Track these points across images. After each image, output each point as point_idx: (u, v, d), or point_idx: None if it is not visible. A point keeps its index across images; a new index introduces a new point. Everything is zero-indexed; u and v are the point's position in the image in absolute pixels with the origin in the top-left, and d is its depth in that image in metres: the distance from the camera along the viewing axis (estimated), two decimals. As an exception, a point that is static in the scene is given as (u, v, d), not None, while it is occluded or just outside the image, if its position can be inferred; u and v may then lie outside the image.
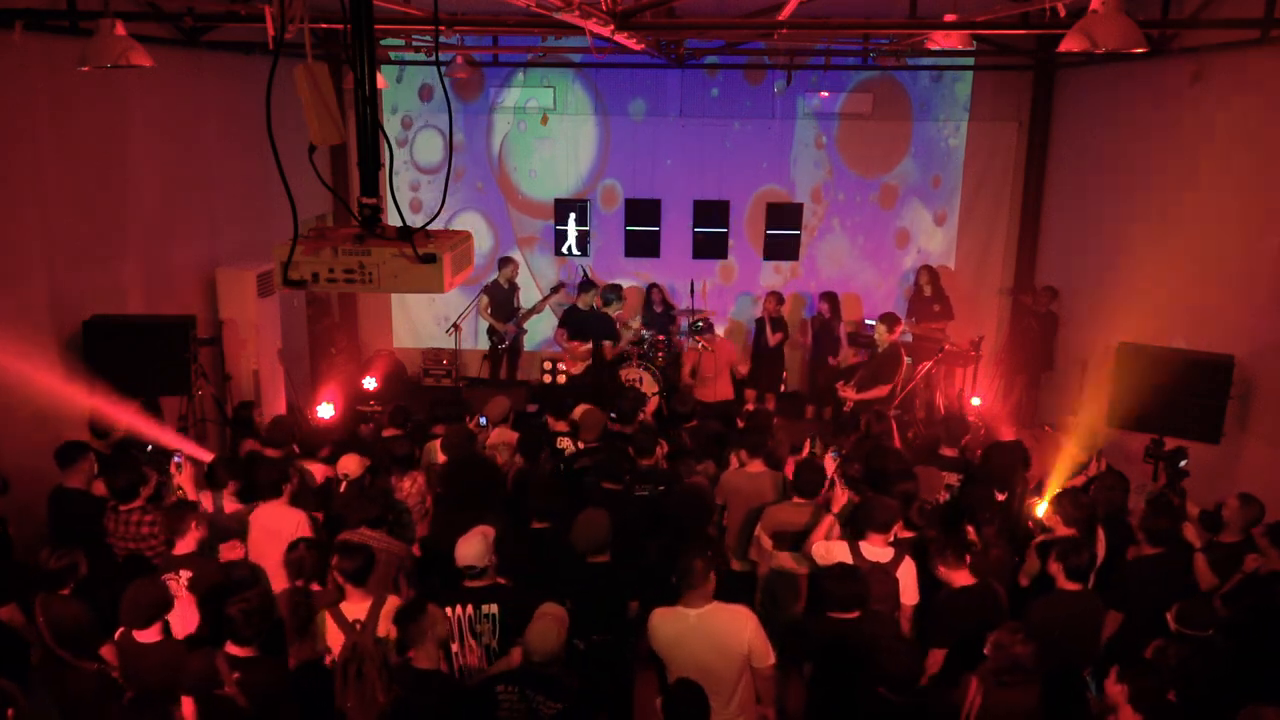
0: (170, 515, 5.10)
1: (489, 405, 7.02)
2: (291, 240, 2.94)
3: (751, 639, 4.16)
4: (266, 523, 5.37)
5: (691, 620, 4.18)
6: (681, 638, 4.19)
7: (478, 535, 4.57)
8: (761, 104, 11.41)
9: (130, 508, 5.29)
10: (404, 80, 11.60)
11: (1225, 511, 5.30)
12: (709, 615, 4.20)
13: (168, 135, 8.11)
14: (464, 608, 4.48)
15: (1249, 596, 4.84)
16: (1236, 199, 7.27)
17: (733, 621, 4.20)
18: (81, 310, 6.92)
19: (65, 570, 4.54)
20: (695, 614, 4.19)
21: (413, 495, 6.05)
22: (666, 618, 4.25)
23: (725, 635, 4.17)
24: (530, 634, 4.01)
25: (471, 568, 4.48)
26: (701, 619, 4.18)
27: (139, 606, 4.30)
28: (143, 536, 5.24)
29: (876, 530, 4.98)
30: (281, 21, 3.06)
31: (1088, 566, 4.68)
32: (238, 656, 4.12)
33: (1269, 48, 6.80)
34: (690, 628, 4.18)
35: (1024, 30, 8.25)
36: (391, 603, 4.54)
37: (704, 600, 4.20)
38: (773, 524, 5.43)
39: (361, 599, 4.55)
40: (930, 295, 10.75)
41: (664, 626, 4.24)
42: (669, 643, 4.22)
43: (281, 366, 9.06)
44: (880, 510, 5.01)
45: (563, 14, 5.14)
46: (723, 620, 4.21)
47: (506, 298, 10.94)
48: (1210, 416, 6.56)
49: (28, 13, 5.99)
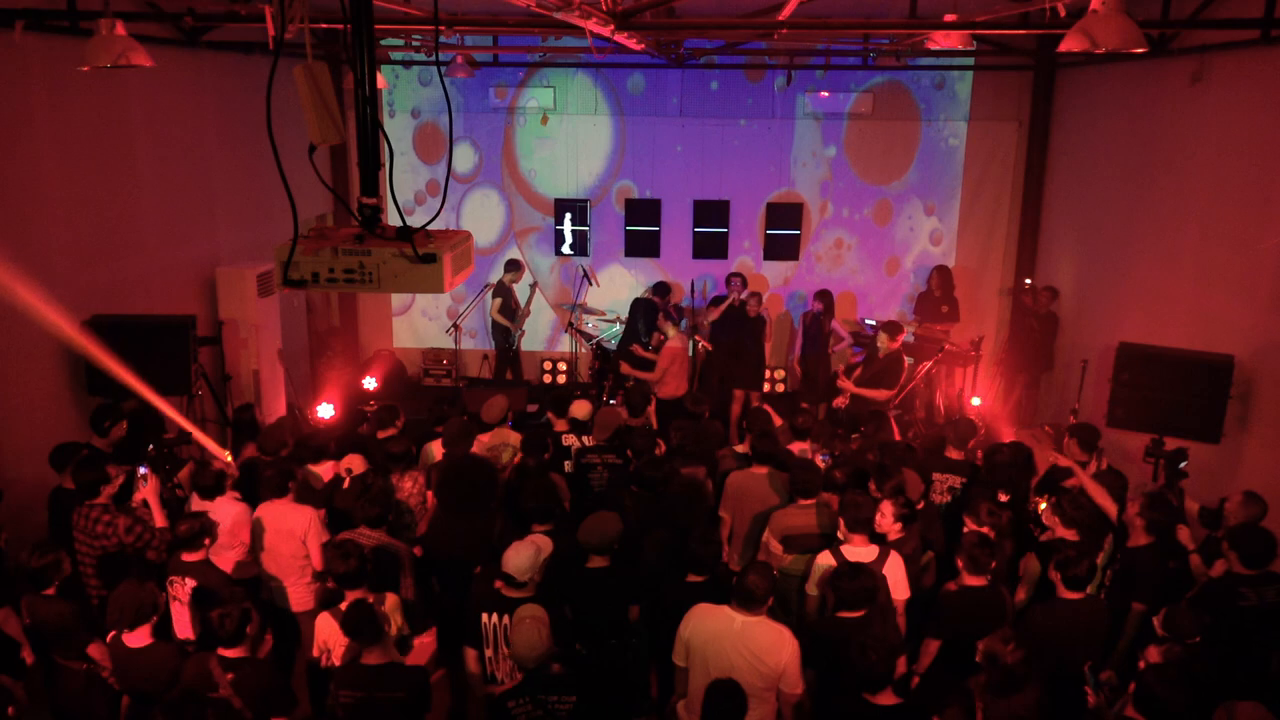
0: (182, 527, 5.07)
1: (485, 406, 7.01)
2: (291, 240, 2.94)
3: (789, 662, 4.14)
4: (277, 522, 5.37)
5: (736, 625, 4.17)
6: (719, 638, 4.17)
7: (530, 547, 4.47)
8: (762, 103, 11.41)
9: (93, 504, 5.25)
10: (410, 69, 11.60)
11: (1228, 506, 5.29)
12: (754, 625, 4.18)
13: (168, 135, 8.11)
14: (500, 616, 4.44)
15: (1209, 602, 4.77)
16: (1236, 199, 7.27)
17: (776, 640, 4.18)
18: (81, 310, 6.92)
19: (48, 568, 4.53)
20: (741, 620, 4.18)
21: (414, 495, 6.04)
22: (709, 614, 4.24)
23: (764, 650, 4.15)
24: (516, 643, 3.99)
25: (513, 579, 4.40)
26: (746, 627, 4.17)
27: (124, 609, 4.29)
28: (97, 535, 5.21)
29: (858, 530, 4.97)
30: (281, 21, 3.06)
31: (1087, 576, 4.66)
32: (230, 658, 4.14)
33: (1269, 48, 6.80)
34: (732, 632, 4.17)
35: (1024, 30, 8.25)
36: (390, 601, 4.54)
37: (755, 610, 4.19)
38: (781, 529, 5.42)
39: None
40: (939, 296, 10.69)
41: (705, 622, 4.22)
42: (705, 638, 4.20)
43: (281, 366, 9.06)
44: (854, 509, 4.99)
45: (563, 14, 5.14)
46: (765, 635, 4.19)
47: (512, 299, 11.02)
48: (1210, 416, 6.55)
49: (28, 13, 6.00)
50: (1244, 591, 4.71)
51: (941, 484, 6.33)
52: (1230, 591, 4.74)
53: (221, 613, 4.12)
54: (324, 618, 4.65)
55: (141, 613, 4.31)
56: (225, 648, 4.14)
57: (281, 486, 5.44)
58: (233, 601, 4.19)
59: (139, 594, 4.37)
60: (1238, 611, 4.67)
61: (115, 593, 4.36)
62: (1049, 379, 10.43)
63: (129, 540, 5.19)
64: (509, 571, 4.40)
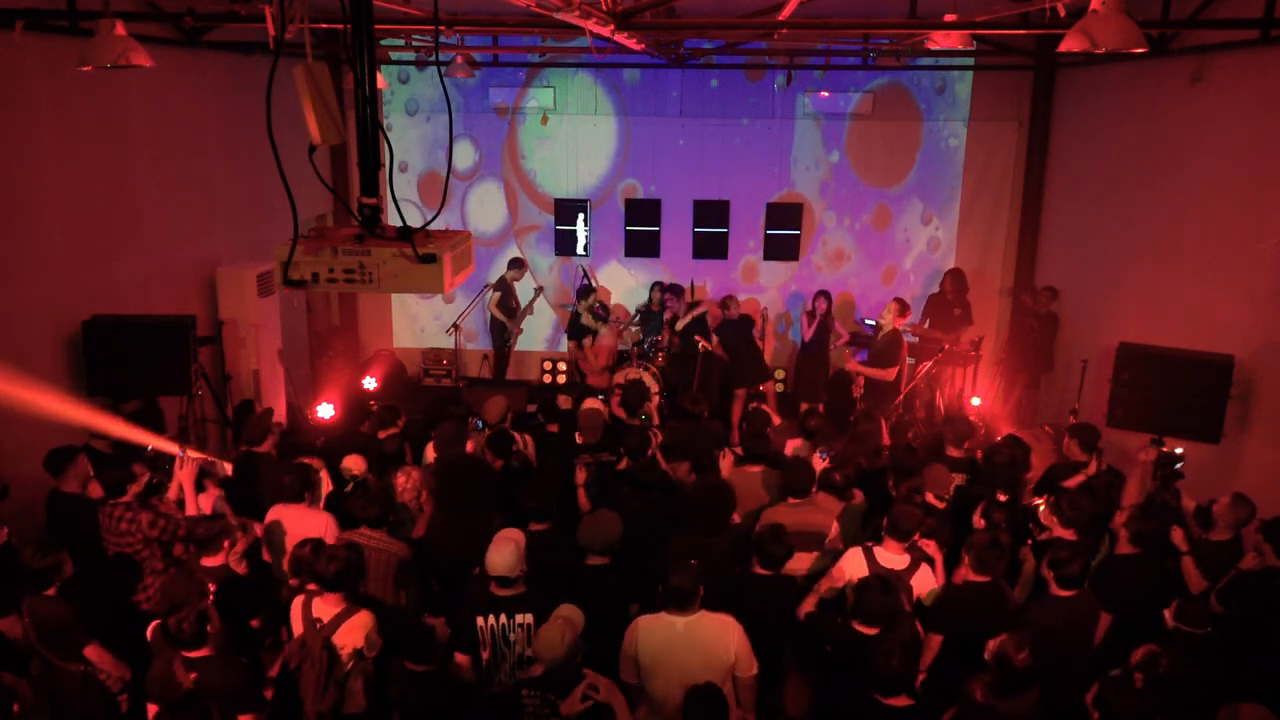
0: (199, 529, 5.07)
1: (486, 406, 7.01)
2: (292, 240, 2.94)
3: (738, 648, 4.15)
4: (295, 526, 5.35)
5: (680, 628, 4.16)
6: (670, 646, 4.16)
7: (509, 543, 4.44)
8: (762, 103, 11.41)
9: (117, 503, 5.28)
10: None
11: (1216, 508, 5.31)
12: (696, 624, 4.18)
13: (168, 135, 8.11)
14: (496, 618, 4.43)
15: (1242, 593, 4.83)
16: (1236, 199, 7.27)
17: (720, 630, 4.18)
18: (81, 310, 6.92)
19: (49, 569, 4.53)
20: (683, 622, 4.17)
21: (408, 491, 6.05)
22: (654, 626, 4.22)
23: (713, 644, 4.15)
24: (537, 639, 4.00)
25: (505, 578, 4.39)
26: (690, 628, 4.16)
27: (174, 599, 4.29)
28: (122, 533, 5.22)
29: (897, 537, 4.95)
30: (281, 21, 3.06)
31: (1081, 574, 4.66)
32: (192, 658, 4.13)
33: (1269, 48, 6.80)
34: (678, 636, 4.16)
35: (1024, 30, 8.25)
36: (362, 617, 4.49)
37: (692, 608, 4.19)
38: None
39: (334, 604, 4.50)
40: (951, 299, 10.48)
41: (651, 635, 4.20)
42: (656, 652, 4.18)
43: (281, 366, 9.06)
44: (904, 518, 4.96)
45: (563, 14, 5.13)
46: (710, 629, 4.18)
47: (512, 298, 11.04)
48: (1210, 416, 6.55)
49: (28, 13, 5.99)
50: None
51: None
52: (1267, 584, 4.74)
53: (179, 617, 4.10)
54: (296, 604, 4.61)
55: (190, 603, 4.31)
56: (187, 650, 4.13)
57: (297, 492, 5.42)
58: (189, 605, 4.18)
59: (189, 585, 4.39)
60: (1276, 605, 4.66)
61: (164, 582, 4.37)
62: (1049, 379, 10.43)
63: (154, 535, 5.21)
64: (497, 573, 4.39)
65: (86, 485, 5.62)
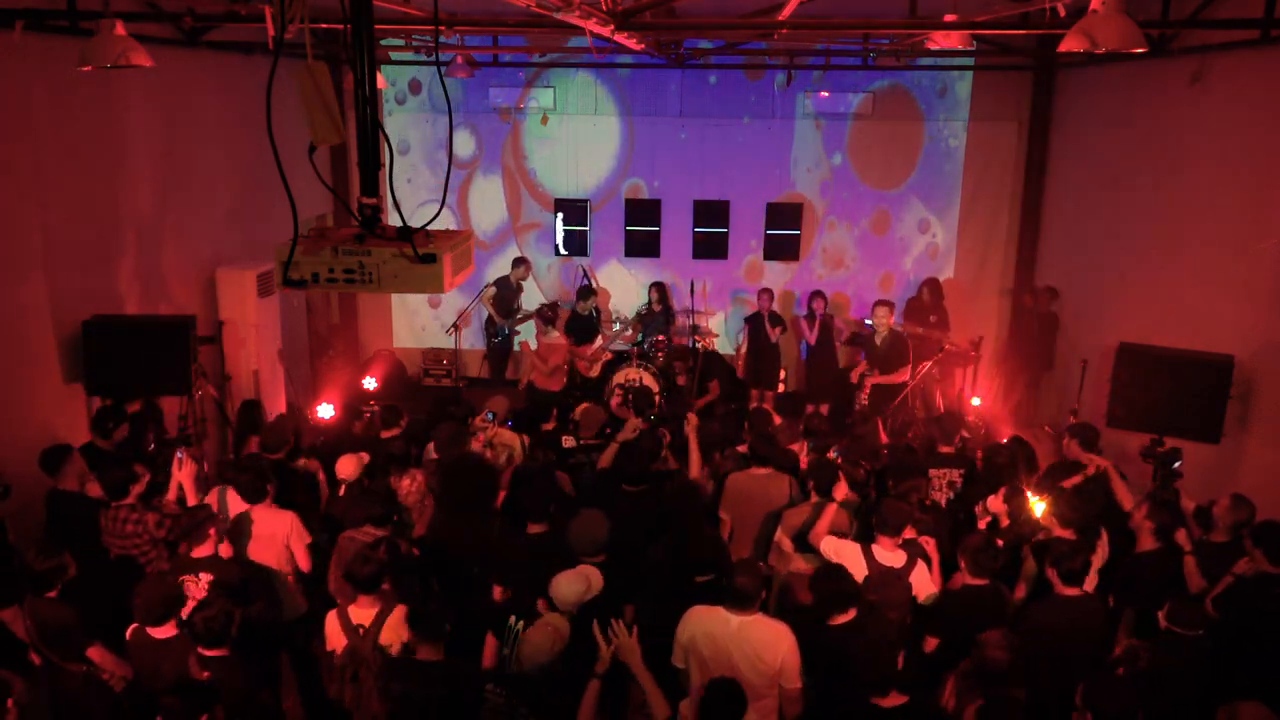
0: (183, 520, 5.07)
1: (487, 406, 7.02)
2: (291, 240, 2.93)
3: (786, 657, 4.15)
4: (259, 526, 5.37)
5: (733, 626, 4.18)
6: (718, 639, 4.18)
7: (582, 581, 4.37)
8: (762, 103, 11.40)
9: (120, 505, 5.27)
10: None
11: (1215, 510, 5.30)
12: (751, 625, 4.19)
13: (167, 135, 8.10)
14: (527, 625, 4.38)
15: (1238, 599, 4.80)
16: (1236, 199, 7.27)
17: (773, 636, 4.19)
18: (81, 310, 6.92)
19: (52, 571, 4.53)
20: (738, 621, 4.18)
21: (412, 494, 6.04)
22: (706, 617, 4.24)
23: (763, 648, 4.15)
24: (524, 643, 4.00)
25: (554, 606, 4.33)
26: (743, 627, 4.18)
27: (151, 604, 4.32)
28: (127, 534, 5.22)
29: (886, 533, 4.97)
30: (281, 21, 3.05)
31: (1083, 571, 4.66)
32: (209, 657, 4.15)
33: (1269, 48, 6.79)
34: (730, 633, 4.17)
35: (1024, 30, 8.24)
36: (399, 611, 4.52)
37: (750, 610, 4.20)
38: (793, 528, 5.41)
39: (370, 605, 4.55)
40: (929, 305, 10.71)
41: (702, 625, 4.23)
42: (704, 640, 4.20)
43: (281, 366, 9.06)
44: (891, 513, 4.99)
45: (563, 14, 5.14)
46: (763, 633, 4.19)
47: (512, 296, 11.03)
48: (1210, 416, 6.55)
49: (28, 13, 5.99)
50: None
51: (940, 479, 6.34)
52: (1260, 589, 4.72)
53: (205, 615, 4.13)
54: (331, 618, 4.65)
55: (168, 606, 4.34)
56: (207, 648, 4.15)
57: (259, 491, 5.37)
58: (218, 603, 4.20)
59: (164, 588, 4.41)
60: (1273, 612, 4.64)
61: (141, 588, 4.39)
62: (1049, 379, 10.43)
63: (160, 534, 5.21)
64: (555, 598, 4.34)
65: (84, 482, 5.63)
